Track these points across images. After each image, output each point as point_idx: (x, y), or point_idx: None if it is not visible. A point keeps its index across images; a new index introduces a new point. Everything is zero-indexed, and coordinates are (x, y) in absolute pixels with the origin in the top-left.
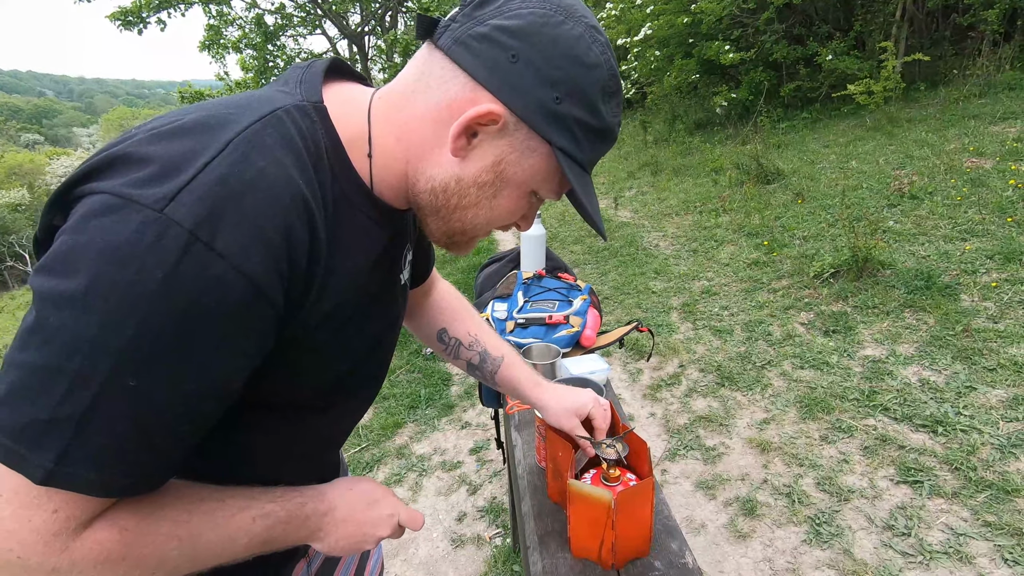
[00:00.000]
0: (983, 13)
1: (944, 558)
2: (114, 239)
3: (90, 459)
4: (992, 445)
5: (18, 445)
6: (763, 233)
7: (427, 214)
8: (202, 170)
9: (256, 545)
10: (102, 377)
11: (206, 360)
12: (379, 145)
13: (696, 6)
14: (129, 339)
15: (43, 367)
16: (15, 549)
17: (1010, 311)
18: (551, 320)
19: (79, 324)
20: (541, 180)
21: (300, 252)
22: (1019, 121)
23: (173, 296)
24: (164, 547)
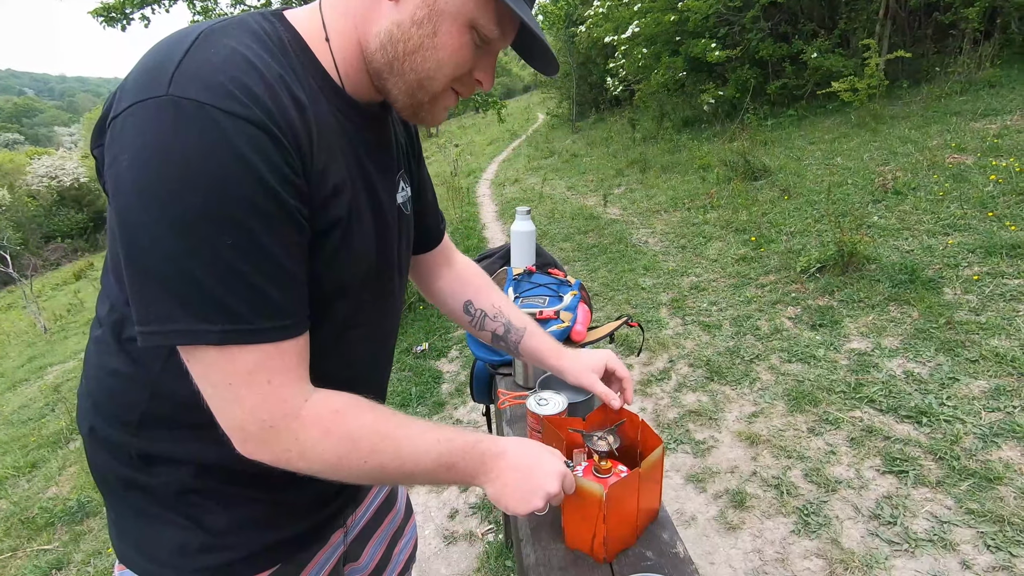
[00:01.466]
0: (964, 11)
1: (929, 546)
2: (148, 134)
3: (246, 313)
4: (974, 435)
5: (184, 323)
6: (750, 229)
7: (386, 76)
8: (183, 56)
9: (441, 469)
10: (205, 245)
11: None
12: (333, 28)
13: (683, 4)
14: (203, 201)
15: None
16: (266, 419)
17: (991, 304)
18: (541, 315)
19: (160, 211)
20: (474, 7)
21: (284, 110)
22: (999, 117)
23: (216, 155)
24: (374, 436)
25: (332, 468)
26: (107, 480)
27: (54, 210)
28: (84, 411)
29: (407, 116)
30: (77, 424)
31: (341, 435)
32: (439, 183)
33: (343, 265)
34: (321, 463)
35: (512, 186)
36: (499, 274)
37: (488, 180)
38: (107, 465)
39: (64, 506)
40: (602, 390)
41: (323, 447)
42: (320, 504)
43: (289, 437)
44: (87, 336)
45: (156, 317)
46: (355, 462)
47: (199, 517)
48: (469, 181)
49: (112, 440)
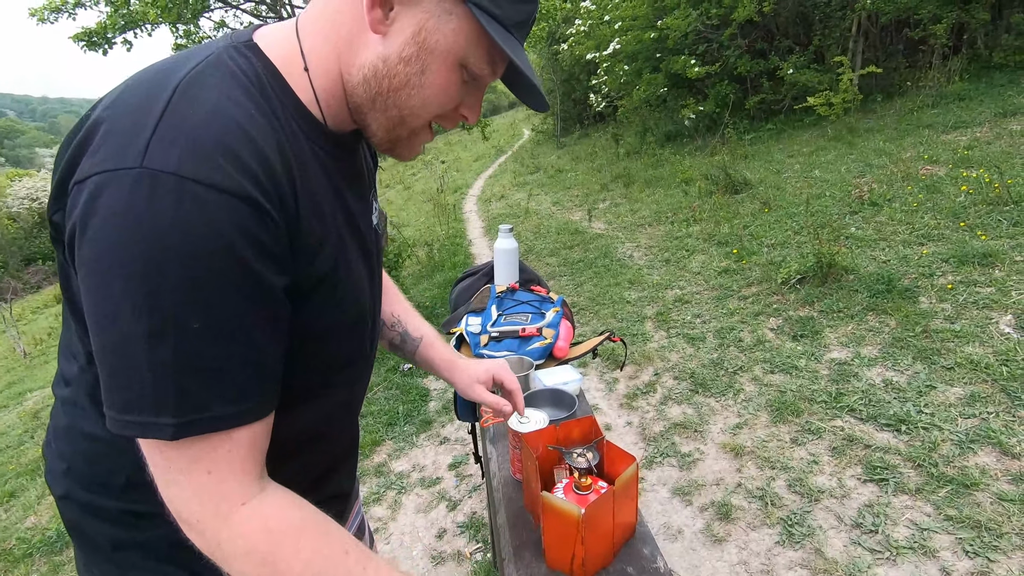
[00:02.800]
0: (932, 28)
1: (910, 553)
2: (119, 207)
3: (202, 399)
4: (952, 441)
5: (140, 416)
6: (732, 242)
7: (366, 111)
8: (161, 117)
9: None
10: (170, 325)
11: (245, 279)
12: (312, 55)
13: (662, 22)
14: (173, 283)
15: (121, 343)
16: (196, 513)
17: (965, 312)
18: (524, 333)
19: (127, 291)
20: (466, 46)
21: (272, 173)
22: (969, 130)
23: (192, 233)
24: (304, 571)
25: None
26: (94, 542)
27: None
28: (57, 475)
29: (383, 149)
30: (47, 483)
31: (263, 562)
32: (426, 199)
33: (333, 313)
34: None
35: (498, 202)
36: (483, 292)
37: (474, 196)
38: (92, 528)
39: (43, 536)
40: (491, 400)
41: (242, 567)
42: None
43: (212, 539)
44: None
45: (114, 403)
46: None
47: (195, 567)
48: (455, 197)
49: (94, 504)
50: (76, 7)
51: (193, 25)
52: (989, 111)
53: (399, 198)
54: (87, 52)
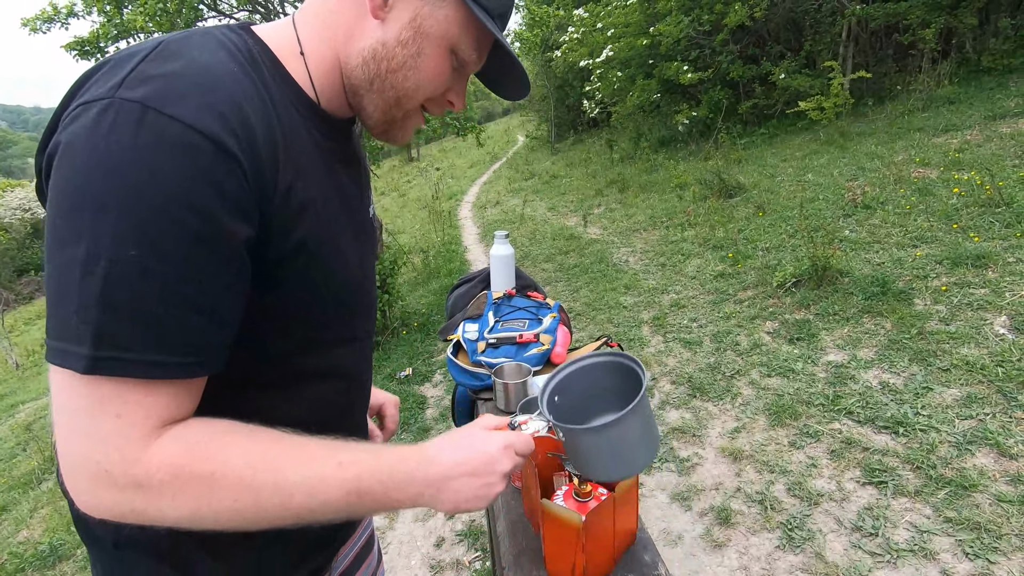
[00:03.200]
0: (921, 32)
1: (910, 556)
2: (82, 131)
3: (123, 338)
4: (949, 443)
5: (61, 342)
6: (727, 246)
7: (364, 92)
8: (141, 61)
9: (351, 496)
10: (105, 253)
11: (193, 217)
12: (308, 41)
13: (655, 29)
14: (117, 210)
15: (59, 268)
16: (101, 461)
17: (960, 313)
18: (522, 339)
19: (74, 216)
20: (457, 32)
21: (248, 126)
22: (959, 133)
23: (143, 161)
24: (243, 468)
25: (191, 517)
26: (96, 538)
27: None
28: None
29: (378, 132)
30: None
31: (195, 475)
32: (421, 206)
33: (315, 285)
34: (174, 513)
35: (493, 208)
36: (479, 298)
37: (469, 202)
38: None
39: (35, 551)
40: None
41: (173, 492)
42: (314, 548)
43: (128, 485)
44: None
45: (48, 330)
46: (219, 505)
47: (192, 568)
48: (451, 204)
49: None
50: (69, 16)
51: None
52: (979, 114)
53: (394, 205)
54: (79, 61)
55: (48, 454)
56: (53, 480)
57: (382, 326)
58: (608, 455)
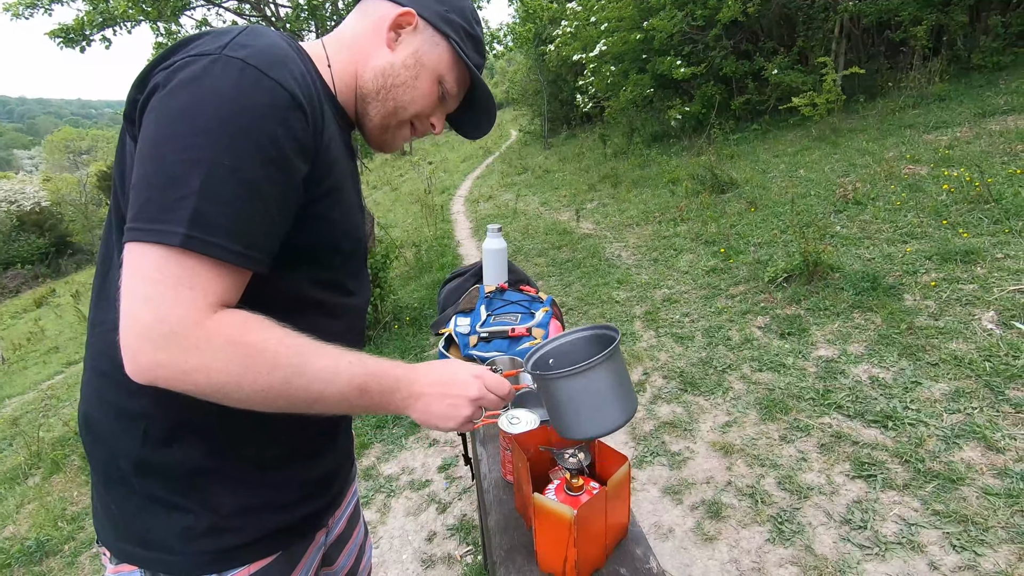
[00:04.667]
0: (912, 29)
1: (898, 548)
2: (195, 72)
3: (213, 225)
4: (937, 437)
5: (158, 224)
6: (719, 241)
7: (371, 100)
8: (236, 36)
9: (353, 392)
10: (207, 159)
11: (272, 146)
12: (335, 58)
13: (648, 23)
14: (218, 131)
15: (165, 165)
16: (172, 322)
17: (949, 308)
18: (514, 333)
19: (184, 131)
20: (446, 68)
21: (311, 95)
22: (949, 130)
23: (242, 100)
24: (279, 347)
25: (233, 383)
26: (116, 466)
27: (13, 236)
28: (91, 396)
29: (374, 135)
30: (79, 422)
31: (245, 344)
32: (413, 201)
33: (335, 230)
34: (222, 376)
35: (486, 203)
36: (471, 292)
37: (462, 197)
38: (118, 446)
39: (22, 546)
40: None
41: (227, 357)
42: (315, 488)
43: (191, 345)
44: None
45: (137, 216)
46: (257, 375)
47: (207, 500)
48: (443, 198)
49: (124, 408)
50: (52, 2)
51: (175, 23)
52: (968, 111)
53: (386, 199)
54: (64, 49)
55: (35, 449)
56: (40, 476)
57: (374, 320)
58: (584, 407)
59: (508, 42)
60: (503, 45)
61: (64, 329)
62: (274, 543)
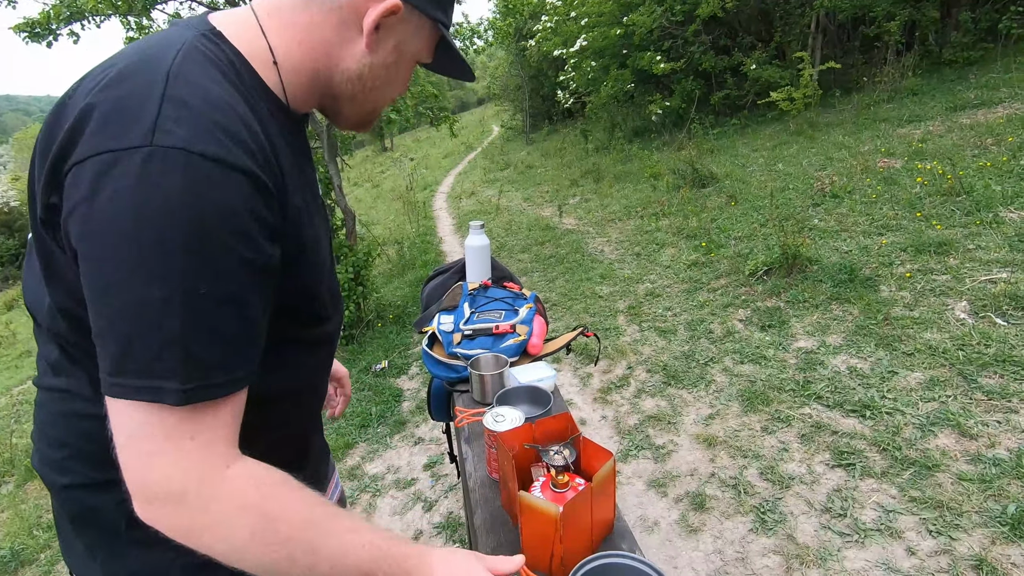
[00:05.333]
0: (886, 25)
1: (877, 535)
2: (129, 181)
3: (208, 366)
4: (913, 425)
5: (147, 379)
6: (700, 235)
7: (344, 102)
8: (162, 102)
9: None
10: (180, 291)
11: (245, 247)
12: (283, 53)
13: (628, 19)
14: (181, 250)
15: (133, 308)
16: (180, 481)
17: (923, 299)
18: (498, 330)
19: (142, 263)
20: (424, 50)
21: (264, 149)
22: (922, 124)
23: (196, 204)
24: (294, 520)
25: (237, 550)
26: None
27: None
28: (55, 463)
29: (348, 126)
30: (42, 477)
31: (260, 513)
32: (395, 197)
33: (313, 273)
34: (226, 543)
35: (468, 199)
36: (454, 289)
37: (444, 193)
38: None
39: None
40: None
41: (235, 524)
42: None
43: (199, 506)
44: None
45: (119, 369)
46: (264, 547)
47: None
48: (425, 195)
49: (107, 479)
50: None
51: (146, 18)
52: (940, 106)
53: (368, 196)
54: (29, 44)
55: (7, 456)
56: (14, 483)
57: (356, 319)
58: None
59: (489, 37)
60: (483, 40)
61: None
62: None
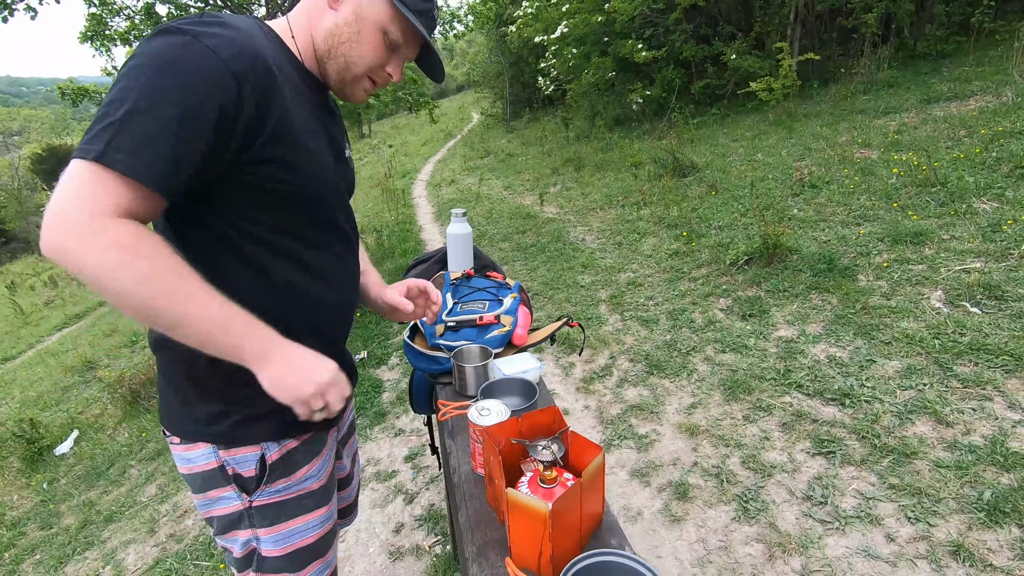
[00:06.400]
0: (863, 16)
1: (857, 522)
2: (143, 43)
3: (124, 149)
4: (892, 413)
5: (87, 145)
6: (682, 224)
7: (326, 60)
8: (185, 18)
9: (215, 326)
10: (131, 100)
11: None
12: (296, 29)
13: (609, 5)
14: (149, 81)
15: (107, 104)
16: (82, 209)
17: (900, 288)
18: (482, 321)
19: (125, 79)
20: (387, 19)
21: (259, 71)
22: (898, 115)
23: (177, 59)
24: (165, 266)
25: (110, 273)
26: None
27: None
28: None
29: (336, 90)
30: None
31: (132, 247)
32: (373, 184)
33: (293, 176)
34: (102, 264)
35: (448, 187)
36: (436, 278)
37: (424, 181)
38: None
39: None
40: (391, 298)
41: (105, 252)
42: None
43: (89, 229)
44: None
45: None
46: (129, 275)
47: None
48: (404, 182)
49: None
50: None
51: None
52: (915, 97)
53: None
54: None
55: None
56: None
57: None
58: None
59: (468, 21)
60: (464, 25)
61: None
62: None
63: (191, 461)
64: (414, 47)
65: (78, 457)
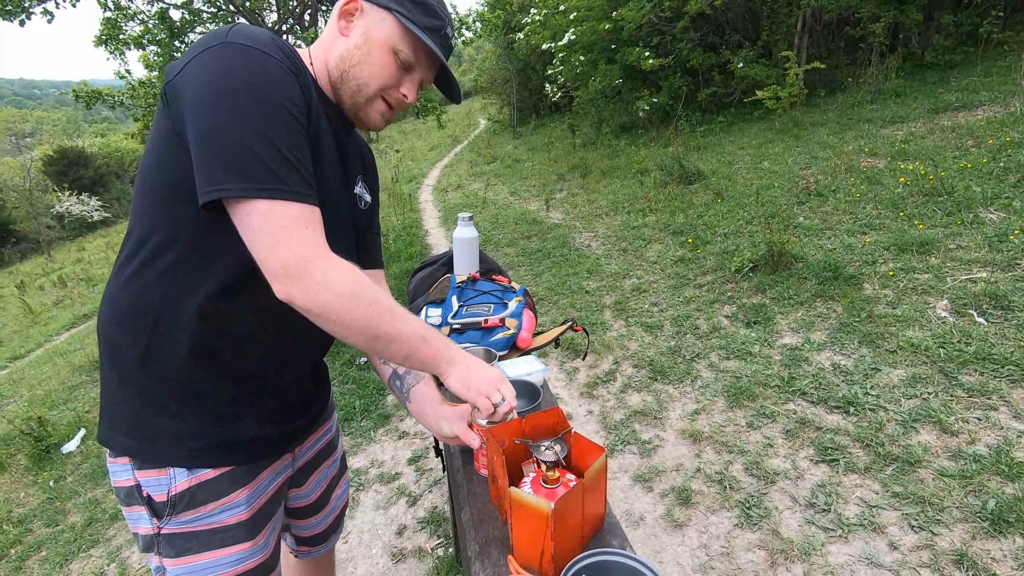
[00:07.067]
0: (871, 26)
1: (860, 530)
2: (214, 62)
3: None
4: (896, 421)
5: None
6: (687, 231)
7: (339, 85)
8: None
9: (418, 338)
10: (258, 130)
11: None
12: (316, 58)
13: (617, 13)
14: (256, 104)
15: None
16: (306, 255)
17: (906, 297)
18: (487, 324)
19: (232, 109)
20: (397, 38)
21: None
22: (905, 124)
23: (262, 73)
24: (373, 289)
25: (345, 303)
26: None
27: None
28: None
29: (352, 115)
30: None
31: (355, 279)
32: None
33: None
34: (337, 298)
35: (455, 192)
36: (442, 281)
37: (430, 186)
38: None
39: None
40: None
41: (343, 283)
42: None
43: (319, 271)
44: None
45: (216, 181)
46: (362, 303)
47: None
48: (411, 187)
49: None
50: None
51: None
52: (922, 107)
53: None
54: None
55: None
56: None
57: None
58: None
59: (477, 28)
60: (472, 32)
61: (8, 322)
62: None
63: (115, 474)
64: (429, 67)
65: (84, 455)
